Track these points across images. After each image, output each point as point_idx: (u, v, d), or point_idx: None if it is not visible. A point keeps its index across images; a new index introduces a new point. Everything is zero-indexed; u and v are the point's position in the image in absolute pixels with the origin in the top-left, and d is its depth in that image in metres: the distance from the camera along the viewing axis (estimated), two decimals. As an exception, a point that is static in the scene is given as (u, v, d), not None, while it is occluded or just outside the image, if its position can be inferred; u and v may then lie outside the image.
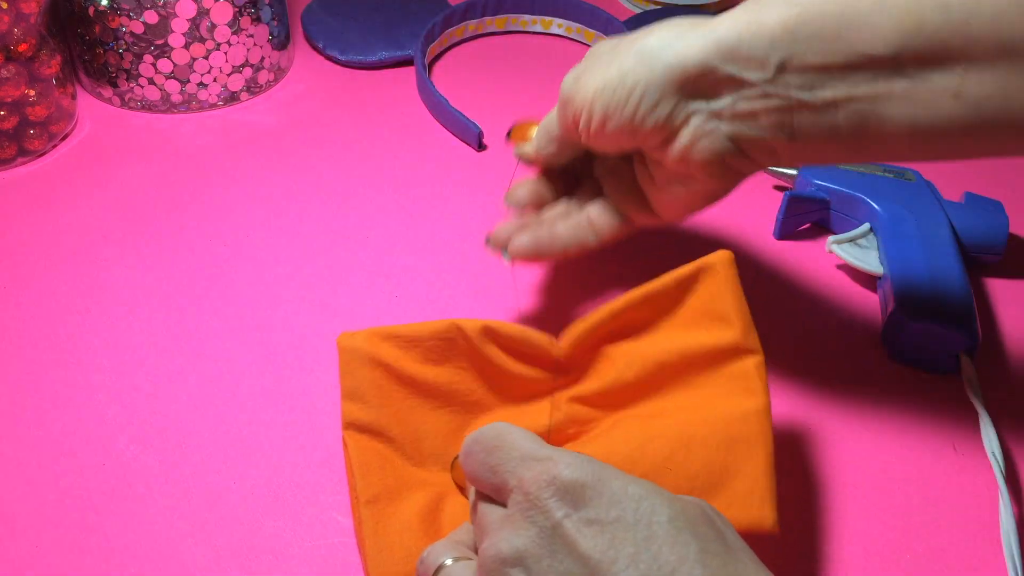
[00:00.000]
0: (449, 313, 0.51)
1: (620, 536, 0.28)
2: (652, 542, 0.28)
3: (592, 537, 0.28)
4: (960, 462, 0.45)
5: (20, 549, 0.39)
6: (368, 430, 0.39)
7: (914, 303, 0.48)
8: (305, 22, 0.73)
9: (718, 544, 0.29)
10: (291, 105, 0.67)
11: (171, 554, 0.39)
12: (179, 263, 0.53)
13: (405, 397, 0.40)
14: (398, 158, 0.62)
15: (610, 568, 0.28)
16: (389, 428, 0.40)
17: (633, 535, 0.28)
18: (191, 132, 0.63)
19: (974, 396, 0.46)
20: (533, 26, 0.76)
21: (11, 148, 0.59)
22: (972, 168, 0.64)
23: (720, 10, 0.80)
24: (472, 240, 0.56)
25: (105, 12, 0.60)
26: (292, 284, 0.52)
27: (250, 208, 0.57)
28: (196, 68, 0.63)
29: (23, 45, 0.57)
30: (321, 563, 0.39)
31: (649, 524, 0.28)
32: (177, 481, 0.42)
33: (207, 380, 0.47)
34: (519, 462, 0.31)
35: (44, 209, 0.56)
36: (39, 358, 0.47)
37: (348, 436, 0.39)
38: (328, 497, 0.42)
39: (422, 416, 0.41)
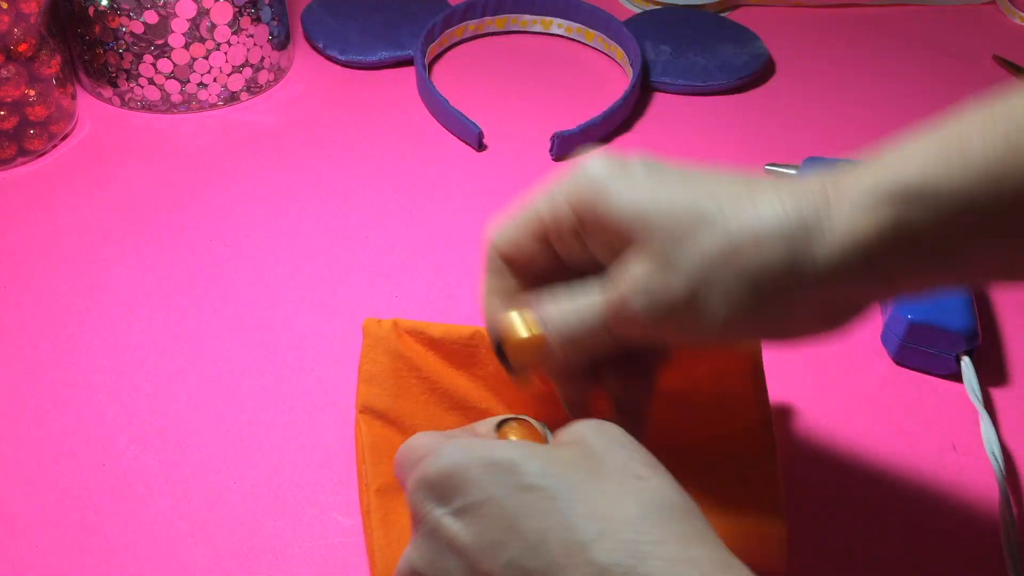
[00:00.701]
0: (448, 313, 0.51)
1: (489, 519, 0.28)
2: (520, 516, 0.28)
3: (467, 527, 0.29)
4: (960, 462, 0.45)
5: (20, 549, 0.39)
6: (383, 416, 0.39)
7: (914, 303, 0.48)
8: (305, 22, 0.73)
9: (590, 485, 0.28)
10: (291, 105, 0.66)
11: (171, 554, 0.39)
12: (179, 263, 0.53)
13: (421, 392, 0.41)
14: (398, 158, 0.62)
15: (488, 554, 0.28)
16: (403, 418, 0.40)
17: (500, 513, 0.28)
18: (191, 132, 0.63)
19: (974, 396, 0.46)
20: (533, 26, 0.76)
21: (11, 148, 0.59)
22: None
23: (720, 11, 0.80)
24: (472, 240, 0.56)
25: (105, 12, 0.60)
26: (292, 284, 0.52)
27: (250, 208, 0.57)
28: (196, 68, 0.63)
29: (23, 45, 0.57)
30: (321, 563, 0.39)
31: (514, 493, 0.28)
32: (177, 481, 0.42)
33: (207, 380, 0.47)
34: (409, 468, 0.31)
35: (44, 209, 0.56)
36: (39, 358, 0.47)
37: (362, 419, 0.39)
38: (328, 497, 0.41)
39: (435, 413, 0.41)
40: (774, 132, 0.67)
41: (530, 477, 0.28)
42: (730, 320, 0.30)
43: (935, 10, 0.84)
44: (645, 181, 0.31)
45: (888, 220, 0.28)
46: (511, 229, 0.35)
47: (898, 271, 0.29)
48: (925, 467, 0.44)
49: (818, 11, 0.83)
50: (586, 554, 0.26)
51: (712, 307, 0.30)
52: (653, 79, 0.70)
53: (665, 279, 0.30)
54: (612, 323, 0.32)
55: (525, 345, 0.34)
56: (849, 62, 0.75)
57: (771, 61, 0.74)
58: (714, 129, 0.67)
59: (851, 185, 0.29)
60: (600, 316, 0.32)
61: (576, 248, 0.34)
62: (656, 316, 0.31)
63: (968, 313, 0.48)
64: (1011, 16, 0.84)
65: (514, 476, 0.28)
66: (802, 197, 0.29)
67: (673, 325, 0.31)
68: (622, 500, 0.28)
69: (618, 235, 0.32)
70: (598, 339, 0.33)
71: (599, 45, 0.74)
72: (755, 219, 0.29)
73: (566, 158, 0.63)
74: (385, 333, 0.41)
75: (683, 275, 0.30)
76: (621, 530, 0.27)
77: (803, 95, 0.71)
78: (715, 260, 0.30)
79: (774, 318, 0.31)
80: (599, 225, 0.32)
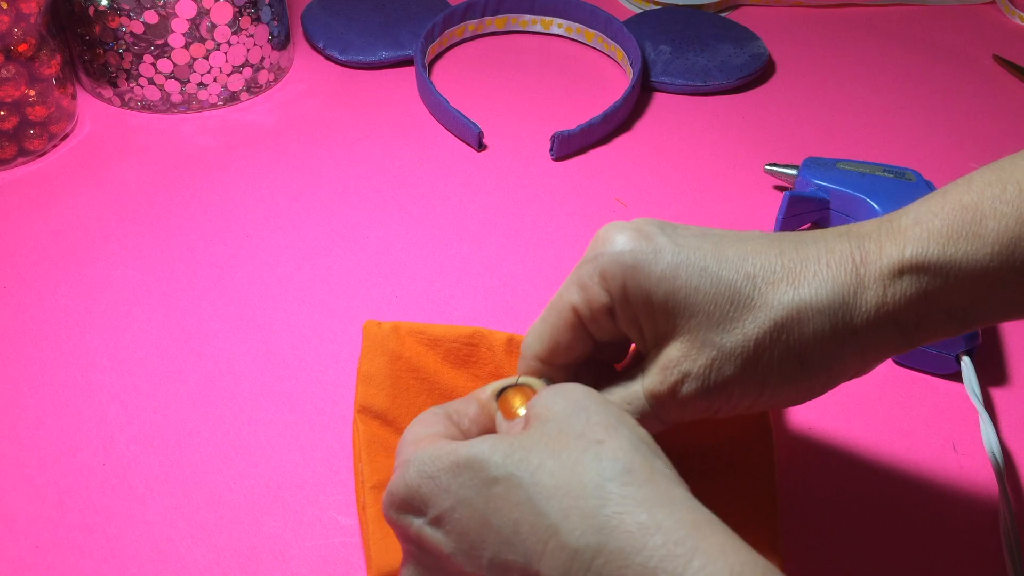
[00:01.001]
0: (448, 313, 0.51)
1: (463, 522, 0.28)
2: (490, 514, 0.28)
3: (446, 535, 0.29)
4: (960, 462, 0.45)
5: (20, 549, 0.39)
6: (380, 416, 0.39)
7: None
8: (305, 22, 0.73)
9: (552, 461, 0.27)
10: (291, 105, 0.67)
11: (171, 554, 0.39)
12: (179, 263, 0.53)
13: (420, 392, 0.41)
14: (398, 158, 0.62)
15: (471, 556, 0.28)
16: (400, 418, 0.40)
17: (471, 515, 0.28)
18: (191, 132, 0.63)
19: (974, 396, 0.46)
20: (533, 26, 0.76)
21: (11, 148, 0.59)
22: (972, 168, 0.64)
23: (720, 11, 0.80)
24: (472, 240, 0.56)
25: (105, 12, 0.60)
26: (292, 284, 0.52)
27: (250, 208, 0.57)
28: (196, 68, 0.63)
29: (23, 45, 0.57)
30: (321, 563, 0.39)
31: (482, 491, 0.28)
32: (177, 481, 0.42)
33: (207, 380, 0.47)
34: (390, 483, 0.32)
35: (44, 209, 0.56)
36: (39, 358, 0.47)
37: (359, 419, 0.39)
38: (328, 497, 0.42)
39: None
40: (774, 132, 0.67)
41: (495, 469, 0.28)
42: (778, 389, 0.32)
43: (935, 10, 0.84)
44: (673, 257, 0.32)
45: (914, 291, 0.31)
46: (545, 330, 0.35)
47: (920, 329, 0.32)
48: (925, 467, 0.44)
49: (818, 11, 0.83)
50: (557, 537, 0.26)
51: (762, 383, 0.32)
52: (653, 79, 0.70)
53: (714, 363, 0.32)
54: (659, 409, 0.33)
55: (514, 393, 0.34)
56: (849, 62, 0.75)
57: (771, 61, 0.74)
58: (714, 129, 0.67)
59: (878, 260, 0.32)
60: (639, 400, 0.33)
61: (609, 326, 0.34)
62: (709, 398, 0.32)
63: (968, 313, 0.48)
64: (1011, 16, 0.84)
65: (480, 472, 0.28)
66: (836, 273, 0.32)
67: (722, 402, 0.32)
68: (583, 470, 0.27)
69: (654, 318, 0.32)
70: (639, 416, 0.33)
71: (599, 45, 0.74)
72: (797, 299, 0.31)
73: (566, 158, 0.63)
74: (384, 335, 0.41)
75: (733, 357, 0.31)
76: (585, 504, 0.26)
77: (803, 95, 0.71)
78: (762, 342, 0.31)
79: (817, 383, 0.33)
80: (633, 309, 0.33)
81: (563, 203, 0.59)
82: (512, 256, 0.55)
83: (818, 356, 0.32)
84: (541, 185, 0.60)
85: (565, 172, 0.61)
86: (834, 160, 0.59)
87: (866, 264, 0.32)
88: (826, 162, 0.59)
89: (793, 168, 0.60)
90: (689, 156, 0.64)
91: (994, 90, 0.73)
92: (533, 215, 0.58)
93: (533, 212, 0.58)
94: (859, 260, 0.32)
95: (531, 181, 0.60)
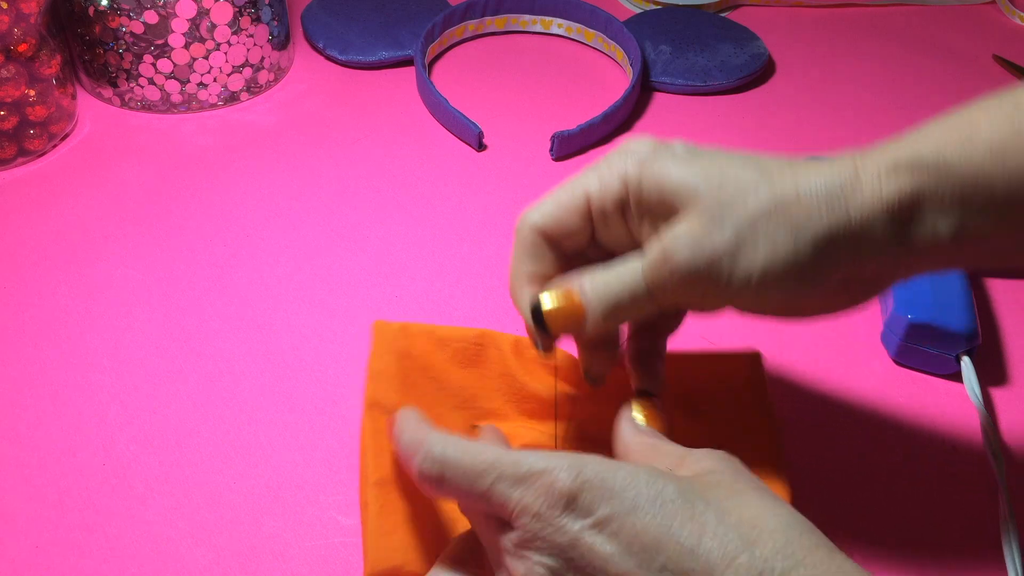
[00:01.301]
0: (448, 313, 0.51)
1: (638, 527, 0.28)
2: (671, 523, 0.28)
3: (611, 539, 0.29)
4: (960, 462, 0.45)
5: (20, 549, 0.39)
6: (389, 411, 0.39)
7: (914, 303, 0.48)
8: (305, 22, 0.73)
9: (731, 499, 0.29)
10: (291, 105, 0.67)
11: (171, 554, 0.39)
12: (179, 263, 0.53)
13: (428, 391, 0.41)
14: (398, 158, 0.62)
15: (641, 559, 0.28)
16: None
17: (649, 521, 0.28)
18: (191, 132, 0.63)
19: (974, 396, 0.46)
20: (533, 26, 0.76)
21: (11, 148, 0.59)
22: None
23: (720, 11, 0.80)
24: (472, 240, 0.56)
25: (105, 12, 0.60)
26: (292, 284, 0.52)
27: (250, 208, 0.57)
28: (196, 68, 0.63)
29: (23, 45, 0.56)
30: (321, 563, 0.39)
31: (661, 504, 0.29)
32: (177, 481, 0.42)
33: (207, 380, 0.47)
34: (513, 484, 0.30)
35: (44, 209, 0.56)
36: (39, 358, 0.47)
37: (368, 415, 0.39)
38: (328, 497, 0.42)
39: (440, 411, 0.41)
40: (774, 132, 0.67)
41: (672, 494, 0.29)
42: (768, 272, 0.32)
43: (935, 10, 0.84)
44: (688, 157, 0.34)
45: (908, 187, 0.32)
46: (552, 205, 0.36)
47: (920, 240, 0.32)
48: (925, 467, 0.44)
49: (818, 11, 0.83)
50: (743, 555, 0.28)
51: (753, 256, 0.32)
52: (653, 79, 0.70)
53: (710, 232, 0.32)
54: (652, 282, 0.34)
55: (564, 312, 0.35)
56: (849, 62, 0.75)
57: (771, 61, 0.74)
58: (714, 129, 0.67)
59: (876, 158, 0.33)
60: (640, 278, 0.34)
61: (617, 226, 0.35)
62: (698, 267, 0.32)
63: (968, 313, 0.48)
64: (1011, 16, 0.84)
65: (657, 490, 0.29)
66: (836, 168, 0.33)
67: (712, 279, 0.32)
68: (765, 514, 0.29)
69: (664, 204, 0.33)
70: (637, 303, 0.34)
71: (599, 45, 0.74)
72: (797, 183, 0.32)
73: (566, 158, 0.63)
74: (394, 333, 0.41)
75: (729, 228, 0.32)
76: (772, 538, 0.28)
77: (803, 95, 0.71)
78: (760, 215, 0.32)
79: (807, 279, 0.33)
80: (645, 196, 0.34)
81: (563, 203, 0.59)
82: (512, 256, 0.55)
83: (812, 240, 0.32)
84: (541, 185, 0.60)
85: (565, 172, 0.61)
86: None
87: (864, 161, 0.33)
88: (826, 162, 0.59)
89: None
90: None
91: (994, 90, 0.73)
92: (533, 215, 0.58)
93: (533, 212, 0.58)
94: (859, 159, 0.33)
95: (531, 181, 0.60)
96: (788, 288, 0.33)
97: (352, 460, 0.43)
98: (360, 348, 0.48)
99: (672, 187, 0.33)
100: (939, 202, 0.32)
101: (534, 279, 0.37)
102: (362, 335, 0.49)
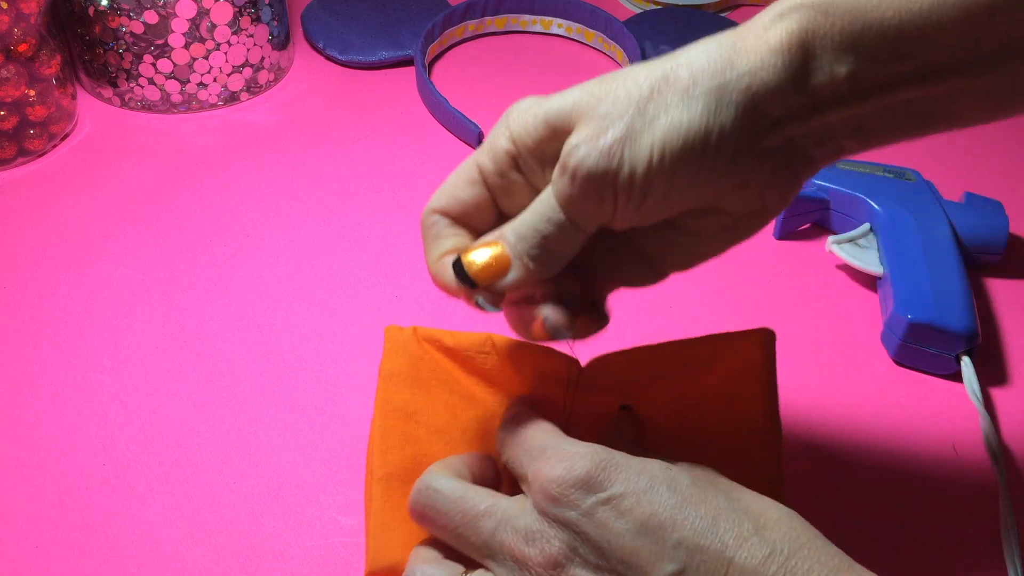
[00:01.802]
0: (448, 313, 0.51)
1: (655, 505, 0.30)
2: (685, 504, 0.30)
3: (626, 513, 0.30)
4: (960, 462, 0.45)
5: (20, 549, 0.39)
6: (400, 409, 0.40)
7: (914, 303, 0.48)
8: (305, 22, 0.73)
9: (736, 491, 0.31)
10: (291, 105, 0.67)
11: (171, 554, 0.39)
12: (179, 263, 0.53)
13: (441, 391, 0.41)
14: (398, 158, 0.62)
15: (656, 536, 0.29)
16: (421, 412, 0.40)
17: (665, 501, 0.30)
18: (191, 132, 0.63)
19: (974, 396, 0.46)
20: (533, 26, 0.76)
21: (11, 148, 0.59)
22: (972, 168, 0.64)
23: (720, 11, 0.80)
24: (472, 240, 0.56)
25: (105, 12, 0.60)
26: (292, 284, 0.52)
27: (250, 208, 0.57)
28: (196, 68, 0.63)
29: (23, 45, 0.57)
30: (321, 563, 0.39)
31: (676, 487, 0.30)
32: (177, 481, 0.42)
33: (207, 380, 0.47)
34: (536, 456, 0.32)
35: (44, 209, 0.56)
36: (39, 358, 0.47)
37: (378, 415, 0.39)
38: (328, 497, 0.42)
39: (452, 412, 0.41)
40: (774, 132, 0.67)
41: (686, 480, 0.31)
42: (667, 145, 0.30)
43: (935, 10, 0.84)
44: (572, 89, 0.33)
45: (794, 26, 0.30)
46: (447, 186, 0.35)
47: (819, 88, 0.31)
48: (925, 467, 0.44)
49: (818, 11, 0.83)
50: (754, 537, 0.29)
51: (651, 135, 0.30)
52: (653, 79, 0.70)
53: (604, 128, 0.31)
54: (563, 199, 0.32)
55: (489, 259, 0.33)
56: (849, 62, 0.75)
57: (771, 61, 0.74)
58: (714, 129, 0.67)
59: (761, 15, 0.32)
60: (554, 202, 0.32)
61: (520, 190, 0.34)
62: (599, 165, 0.31)
63: (968, 313, 0.48)
64: (1011, 16, 0.83)
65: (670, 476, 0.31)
66: (722, 35, 0.32)
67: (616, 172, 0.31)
68: (768, 506, 0.31)
69: (556, 135, 0.32)
70: (559, 230, 0.32)
71: (599, 45, 0.74)
72: (680, 59, 0.31)
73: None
74: (406, 338, 0.41)
75: (620, 120, 0.31)
76: (778, 526, 0.30)
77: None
78: (648, 95, 0.31)
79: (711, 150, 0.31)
80: (534, 137, 0.32)
81: (563, 203, 0.59)
82: (512, 256, 0.55)
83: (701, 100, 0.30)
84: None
85: (565, 172, 0.61)
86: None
87: (750, 22, 0.32)
88: (826, 162, 0.59)
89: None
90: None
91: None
92: (533, 215, 0.58)
93: (533, 212, 0.58)
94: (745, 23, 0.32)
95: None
96: (695, 164, 0.31)
97: (352, 460, 0.43)
98: (360, 348, 0.48)
99: (556, 112, 0.32)
100: (830, 41, 0.30)
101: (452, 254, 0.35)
102: (362, 335, 0.49)
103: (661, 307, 0.51)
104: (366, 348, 0.48)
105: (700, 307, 0.52)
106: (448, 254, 0.35)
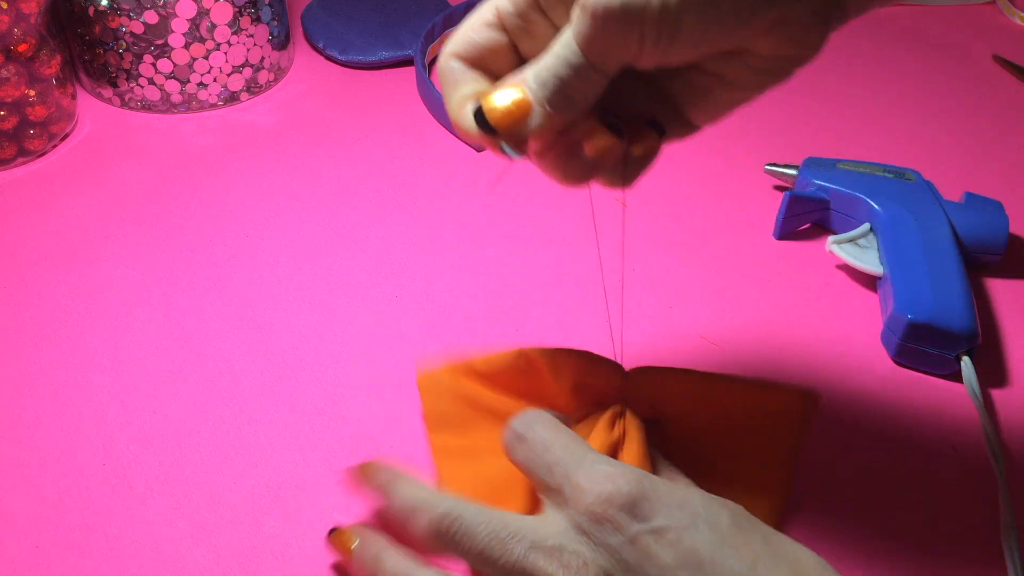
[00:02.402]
0: (448, 313, 0.51)
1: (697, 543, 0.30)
2: (725, 545, 0.30)
3: (669, 547, 0.30)
4: (960, 462, 0.45)
5: (20, 549, 0.39)
6: (459, 454, 0.41)
7: (914, 303, 0.48)
8: (305, 22, 0.73)
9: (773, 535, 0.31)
10: (291, 105, 0.66)
11: (171, 554, 0.39)
12: (179, 263, 0.53)
13: (489, 426, 0.41)
14: (398, 158, 0.62)
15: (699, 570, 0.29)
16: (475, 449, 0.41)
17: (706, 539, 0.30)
18: (191, 132, 0.63)
19: (974, 396, 0.46)
20: (533, 26, 0.76)
21: (11, 148, 0.59)
22: (972, 168, 0.64)
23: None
24: (472, 240, 0.56)
25: (105, 12, 0.60)
26: (292, 284, 0.52)
27: (250, 208, 0.57)
28: (196, 68, 0.63)
29: (23, 45, 0.57)
30: (321, 563, 0.39)
31: (716, 526, 0.30)
32: (177, 481, 0.42)
33: (207, 380, 0.47)
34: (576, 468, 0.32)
35: (44, 209, 0.56)
36: (39, 358, 0.47)
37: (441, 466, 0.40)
38: (328, 497, 0.42)
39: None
40: (774, 132, 0.67)
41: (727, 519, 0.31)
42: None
43: (935, 10, 0.84)
44: None
45: None
46: (465, 29, 0.33)
47: None
48: (925, 467, 0.44)
49: (818, 11, 0.83)
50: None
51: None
52: (653, 79, 0.70)
53: None
54: (582, 39, 0.30)
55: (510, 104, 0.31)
56: (849, 62, 0.75)
57: (771, 61, 0.74)
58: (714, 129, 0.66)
59: None
60: (574, 43, 0.30)
61: (541, 28, 0.32)
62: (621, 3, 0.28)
63: (968, 313, 0.48)
64: (1011, 16, 0.84)
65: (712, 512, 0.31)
66: None
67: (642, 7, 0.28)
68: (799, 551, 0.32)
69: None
70: (579, 73, 0.30)
71: (599, 45, 0.74)
72: None
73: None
74: (441, 378, 0.42)
75: None
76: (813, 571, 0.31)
77: (803, 95, 0.71)
78: None
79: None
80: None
81: (562, 203, 0.59)
82: (512, 256, 0.55)
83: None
84: (541, 184, 0.60)
85: (565, 172, 0.61)
86: (834, 160, 0.59)
87: None
88: (826, 162, 0.59)
89: (793, 168, 0.60)
90: (689, 156, 0.64)
91: (994, 90, 0.73)
92: (533, 215, 0.58)
93: (533, 212, 0.58)
94: None
95: (531, 181, 0.60)
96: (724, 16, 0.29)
97: (352, 460, 0.43)
98: (360, 348, 0.48)
99: None
100: None
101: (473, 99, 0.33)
102: (362, 335, 0.49)
103: (661, 307, 0.51)
104: (366, 348, 0.48)
105: (700, 307, 0.52)
106: (468, 100, 0.33)
